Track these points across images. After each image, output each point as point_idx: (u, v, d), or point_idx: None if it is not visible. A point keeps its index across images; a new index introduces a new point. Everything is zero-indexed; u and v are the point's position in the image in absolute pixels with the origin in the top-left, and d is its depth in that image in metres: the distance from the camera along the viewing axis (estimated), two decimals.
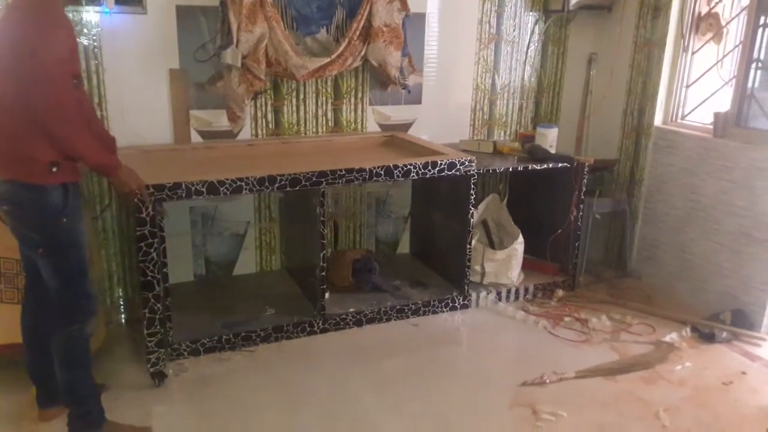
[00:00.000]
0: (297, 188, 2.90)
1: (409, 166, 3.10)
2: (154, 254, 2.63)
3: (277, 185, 2.85)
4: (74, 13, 2.91)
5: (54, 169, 2.09)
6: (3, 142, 2.09)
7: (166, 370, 2.75)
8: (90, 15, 2.97)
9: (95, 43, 3.01)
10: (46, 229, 2.14)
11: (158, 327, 2.72)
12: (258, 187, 2.82)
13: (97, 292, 2.48)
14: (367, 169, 3.01)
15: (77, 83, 2.19)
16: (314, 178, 2.91)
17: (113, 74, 3.08)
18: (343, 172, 2.97)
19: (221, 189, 2.74)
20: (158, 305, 2.69)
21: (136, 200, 2.47)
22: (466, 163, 3.24)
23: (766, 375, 2.97)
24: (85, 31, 2.98)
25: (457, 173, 3.23)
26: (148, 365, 2.71)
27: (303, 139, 3.54)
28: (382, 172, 3.04)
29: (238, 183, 2.77)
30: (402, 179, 3.13)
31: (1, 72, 2.06)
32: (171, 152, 3.20)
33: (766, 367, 3.04)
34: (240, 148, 3.35)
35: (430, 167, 3.15)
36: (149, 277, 2.65)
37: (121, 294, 3.34)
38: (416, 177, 3.13)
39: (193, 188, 2.68)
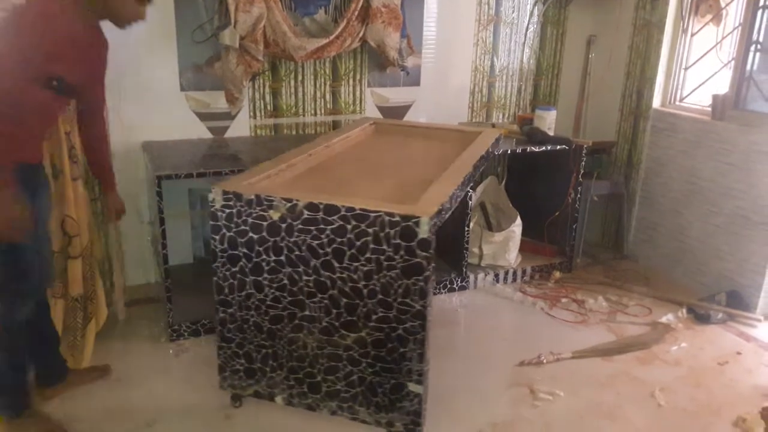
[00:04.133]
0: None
1: None
2: (229, 273, 2.24)
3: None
4: None
5: None
6: None
7: (243, 392, 2.40)
8: None
9: None
10: None
11: (233, 346, 2.32)
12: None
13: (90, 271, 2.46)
14: None
15: (57, 85, 2.04)
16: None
17: (110, 54, 3.04)
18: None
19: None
20: (230, 323, 2.30)
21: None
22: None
23: (761, 355, 3.01)
24: None
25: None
26: (224, 383, 2.39)
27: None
28: None
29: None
30: None
31: None
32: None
33: (760, 347, 3.08)
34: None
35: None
36: (225, 293, 2.26)
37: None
38: None
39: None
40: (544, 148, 3.52)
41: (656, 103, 3.84)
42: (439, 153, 2.90)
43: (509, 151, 3.48)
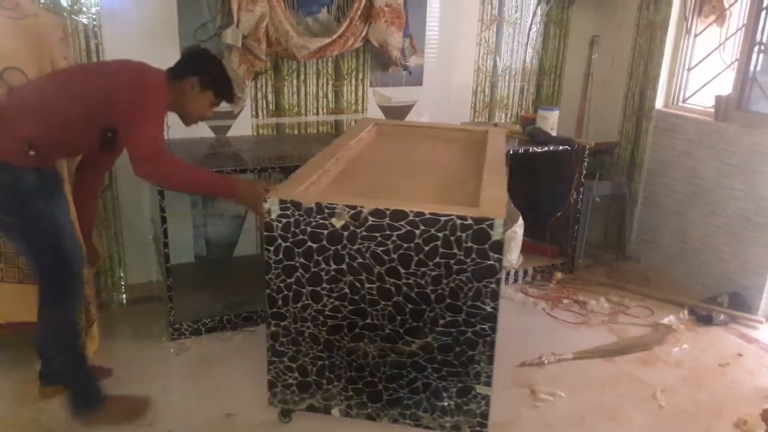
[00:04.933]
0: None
1: None
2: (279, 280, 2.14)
3: None
4: None
5: (31, 152, 2.04)
6: None
7: (295, 406, 2.31)
8: None
9: (95, 23, 2.99)
10: (20, 211, 2.09)
11: (286, 360, 2.22)
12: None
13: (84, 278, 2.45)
14: None
15: (110, 136, 2.22)
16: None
17: (113, 53, 3.05)
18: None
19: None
20: (283, 336, 2.20)
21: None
22: None
23: (763, 357, 3.00)
24: (85, 10, 2.96)
25: None
26: (275, 399, 2.30)
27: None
28: None
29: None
30: None
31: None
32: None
33: (762, 349, 3.07)
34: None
35: None
36: (278, 305, 2.14)
37: (121, 274, 3.35)
38: None
39: None
40: (546, 148, 3.51)
41: (659, 103, 3.84)
42: (456, 153, 2.89)
43: (511, 152, 3.47)
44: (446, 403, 2.18)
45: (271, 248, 2.05)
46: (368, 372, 2.18)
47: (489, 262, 1.97)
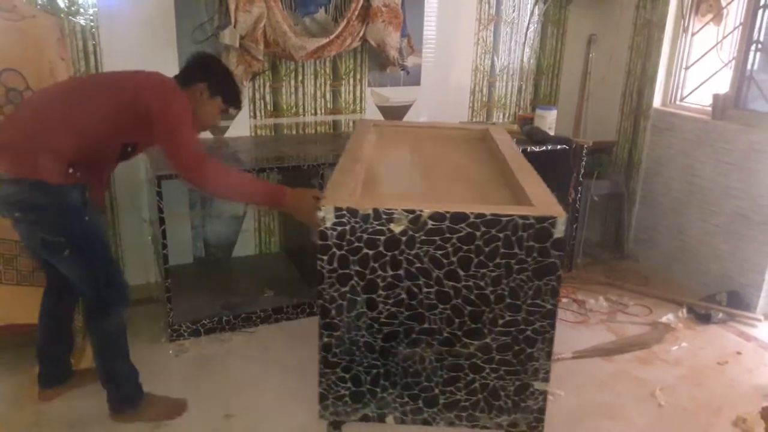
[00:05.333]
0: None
1: None
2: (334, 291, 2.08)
3: None
4: None
5: (71, 170, 2.06)
6: (20, 137, 2.03)
7: (347, 418, 2.21)
8: None
9: (92, 24, 2.99)
10: (70, 230, 2.09)
11: (339, 371, 2.13)
12: None
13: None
14: None
15: (130, 150, 2.29)
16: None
17: (111, 55, 3.06)
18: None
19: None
20: (336, 347, 2.15)
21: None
22: None
23: (761, 355, 3.01)
24: (82, 10, 2.95)
25: None
26: (326, 412, 2.20)
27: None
28: None
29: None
30: None
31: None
32: None
33: (761, 347, 3.08)
34: None
35: None
36: (331, 315, 2.05)
37: None
38: None
39: None
40: (544, 147, 3.51)
41: (657, 102, 3.84)
42: (465, 152, 2.89)
43: None
44: (503, 402, 2.18)
45: (325, 257, 1.99)
46: (425, 377, 2.15)
47: (550, 260, 1.99)
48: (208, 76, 2.30)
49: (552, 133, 3.65)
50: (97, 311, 2.23)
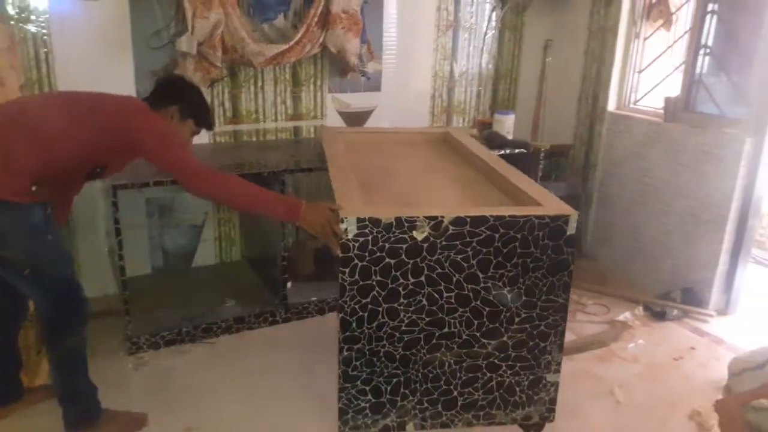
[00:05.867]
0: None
1: None
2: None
3: None
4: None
5: (34, 188, 2.01)
6: None
7: (364, 431, 2.20)
8: (38, 1, 2.87)
9: (44, 30, 2.92)
10: (31, 249, 2.03)
11: (359, 384, 2.14)
12: None
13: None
14: None
15: (99, 171, 2.27)
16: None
17: (64, 62, 2.99)
18: None
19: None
20: (356, 359, 2.11)
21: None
22: None
23: (714, 350, 3.10)
24: (33, 17, 2.88)
25: None
26: (346, 427, 2.19)
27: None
28: None
29: None
30: None
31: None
32: None
33: (713, 342, 3.18)
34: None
35: None
36: (352, 328, 2.05)
37: None
38: None
39: None
40: (503, 151, 3.56)
41: (611, 106, 3.94)
42: (441, 154, 2.94)
43: None
44: (518, 397, 2.25)
45: (347, 270, 1.97)
46: (444, 380, 2.18)
47: (563, 257, 2.08)
48: (179, 99, 2.29)
49: (510, 137, 3.70)
50: (58, 329, 2.17)
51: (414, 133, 3.50)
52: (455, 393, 2.20)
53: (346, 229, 1.93)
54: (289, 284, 3.25)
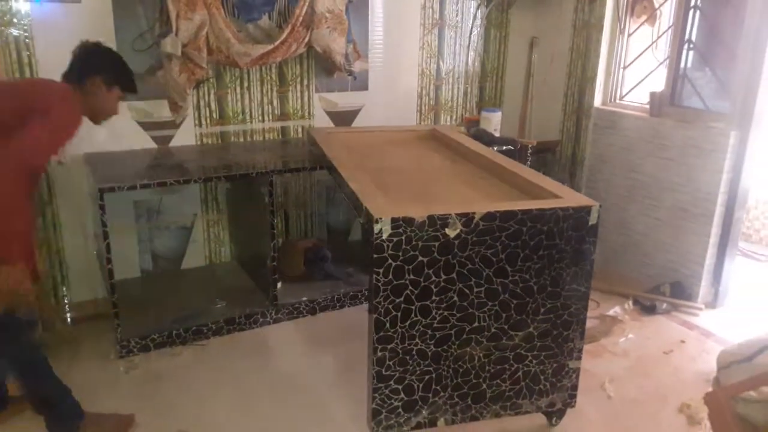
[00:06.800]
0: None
1: None
2: None
3: None
4: (2, 3, 2.78)
5: None
6: None
7: (399, 429, 2.21)
8: (20, 4, 2.84)
9: (26, 34, 2.89)
10: None
11: (392, 383, 2.14)
12: None
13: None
14: None
15: None
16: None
17: (47, 66, 2.96)
18: None
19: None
20: (389, 359, 2.12)
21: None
22: None
23: (703, 342, 3.13)
24: (15, 21, 2.85)
25: None
26: (379, 427, 2.18)
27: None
28: None
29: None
30: None
31: None
32: None
33: (703, 335, 3.20)
34: None
35: None
36: (386, 328, 2.06)
37: (65, 293, 3.24)
38: None
39: None
40: (490, 149, 3.57)
41: (597, 101, 3.95)
42: (437, 151, 2.95)
43: None
44: (542, 385, 2.30)
45: (380, 270, 1.98)
46: (473, 374, 2.22)
47: (585, 246, 2.15)
48: (101, 68, 2.26)
49: (498, 134, 3.71)
50: (3, 338, 2.11)
51: (403, 131, 3.50)
52: (484, 386, 2.24)
53: (380, 230, 1.94)
54: (279, 285, 3.25)
